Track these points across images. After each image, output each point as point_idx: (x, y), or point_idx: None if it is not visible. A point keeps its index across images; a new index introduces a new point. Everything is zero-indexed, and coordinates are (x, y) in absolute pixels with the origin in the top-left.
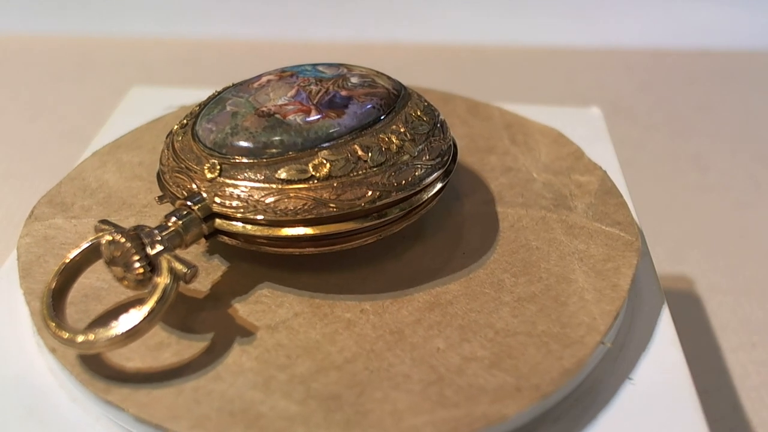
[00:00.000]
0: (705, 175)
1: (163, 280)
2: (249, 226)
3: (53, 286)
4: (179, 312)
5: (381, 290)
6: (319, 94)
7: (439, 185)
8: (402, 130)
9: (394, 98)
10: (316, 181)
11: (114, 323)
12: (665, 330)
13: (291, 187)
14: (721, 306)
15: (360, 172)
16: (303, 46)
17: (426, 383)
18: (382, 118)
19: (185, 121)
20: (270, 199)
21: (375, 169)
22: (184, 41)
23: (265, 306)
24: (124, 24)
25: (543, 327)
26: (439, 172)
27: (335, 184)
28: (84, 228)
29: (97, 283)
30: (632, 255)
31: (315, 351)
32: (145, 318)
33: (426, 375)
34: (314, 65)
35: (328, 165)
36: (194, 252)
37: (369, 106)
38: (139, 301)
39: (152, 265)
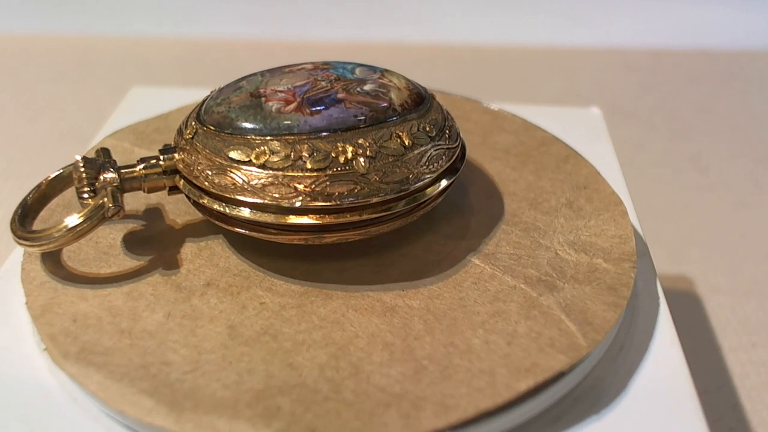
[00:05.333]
0: (705, 175)
1: (94, 203)
2: (194, 191)
3: (29, 197)
4: (135, 243)
5: (296, 293)
6: (317, 91)
7: (380, 212)
8: (366, 145)
9: (392, 114)
10: (251, 167)
11: (49, 228)
12: (665, 330)
13: (231, 165)
14: (721, 306)
15: (294, 172)
16: (303, 46)
17: (244, 390)
18: (359, 128)
19: (221, 86)
20: (212, 172)
21: (312, 173)
22: (184, 41)
23: (197, 266)
24: (124, 24)
25: (401, 389)
26: (390, 197)
27: (265, 175)
28: (136, 157)
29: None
30: (561, 361)
31: (192, 320)
32: (68, 230)
33: (253, 382)
34: (357, 65)
35: (267, 155)
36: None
37: (350, 114)
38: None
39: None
